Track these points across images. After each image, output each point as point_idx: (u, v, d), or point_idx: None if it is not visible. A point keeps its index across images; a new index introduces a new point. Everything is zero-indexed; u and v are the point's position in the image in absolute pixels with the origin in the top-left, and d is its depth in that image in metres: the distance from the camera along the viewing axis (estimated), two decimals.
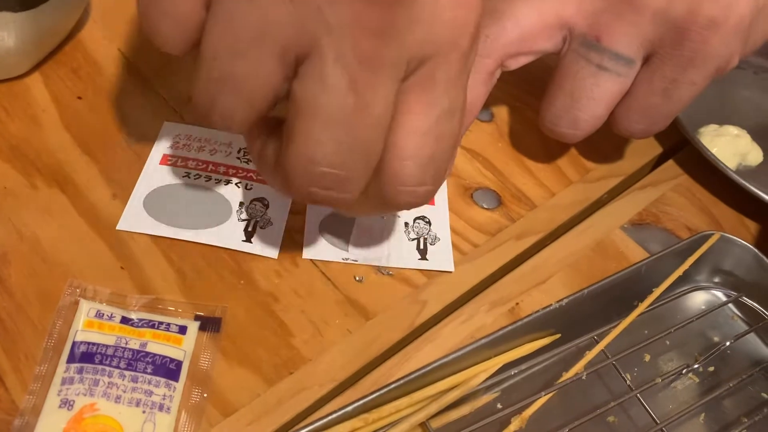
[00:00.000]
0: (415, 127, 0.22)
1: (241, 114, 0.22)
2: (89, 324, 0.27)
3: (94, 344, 0.26)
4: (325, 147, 0.21)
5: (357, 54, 0.20)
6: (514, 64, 0.32)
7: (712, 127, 0.38)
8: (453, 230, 0.33)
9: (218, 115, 0.22)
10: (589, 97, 0.31)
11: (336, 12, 0.19)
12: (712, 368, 0.31)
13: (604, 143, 0.37)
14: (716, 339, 0.32)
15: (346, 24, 0.19)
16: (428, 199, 0.24)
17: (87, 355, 0.26)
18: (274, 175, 0.24)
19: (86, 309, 0.27)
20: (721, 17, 0.28)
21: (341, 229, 0.32)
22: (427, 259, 0.31)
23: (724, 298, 0.33)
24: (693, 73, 0.30)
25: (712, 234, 0.32)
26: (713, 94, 0.40)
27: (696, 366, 0.30)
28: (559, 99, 0.32)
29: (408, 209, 0.26)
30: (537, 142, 0.37)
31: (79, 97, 0.35)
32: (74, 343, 0.26)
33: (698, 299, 0.33)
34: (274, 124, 0.23)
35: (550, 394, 0.28)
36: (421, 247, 0.32)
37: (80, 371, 0.25)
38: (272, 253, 0.31)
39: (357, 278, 0.30)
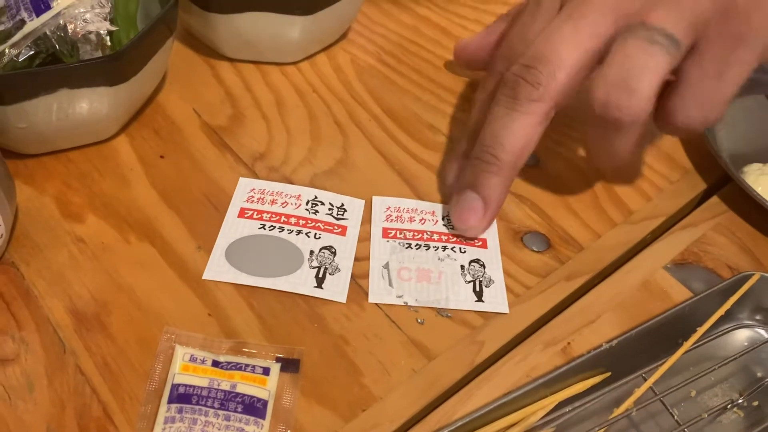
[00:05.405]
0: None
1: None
2: (185, 368, 0.30)
3: (190, 386, 0.29)
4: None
5: None
6: (568, 99, 0.34)
7: (756, 166, 0.39)
8: (506, 273, 0.35)
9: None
10: (644, 66, 0.31)
11: None
12: (756, 403, 0.32)
13: (646, 184, 0.39)
14: (759, 374, 0.33)
15: None
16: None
17: (185, 397, 0.29)
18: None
19: (181, 354, 0.30)
20: None
21: (402, 274, 0.35)
22: (483, 301, 0.34)
23: (766, 336, 0.35)
24: (742, 50, 0.31)
25: (753, 274, 0.34)
26: (757, 133, 0.40)
27: (741, 401, 0.32)
28: (613, 69, 0.31)
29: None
30: (581, 184, 0.40)
31: (162, 156, 0.39)
32: (173, 385, 0.29)
33: (741, 336, 0.35)
34: None
35: (602, 430, 0.30)
36: (477, 289, 0.34)
37: (180, 411, 0.29)
38: (341, 297, 0.33)
39: (419, 320, 0.33)
